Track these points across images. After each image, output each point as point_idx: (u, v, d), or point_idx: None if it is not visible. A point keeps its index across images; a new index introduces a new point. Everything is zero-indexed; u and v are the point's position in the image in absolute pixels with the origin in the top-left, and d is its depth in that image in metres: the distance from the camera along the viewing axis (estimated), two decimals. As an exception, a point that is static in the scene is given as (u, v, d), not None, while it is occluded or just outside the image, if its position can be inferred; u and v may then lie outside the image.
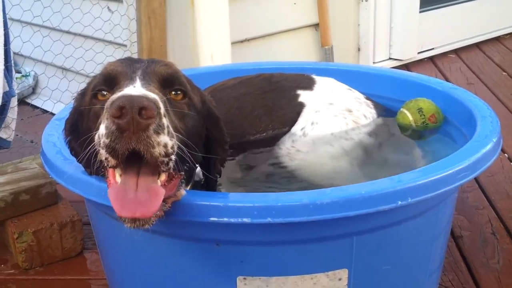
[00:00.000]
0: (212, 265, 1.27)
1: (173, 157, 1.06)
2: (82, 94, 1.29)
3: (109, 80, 1.18)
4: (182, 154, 1.09)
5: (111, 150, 1.02)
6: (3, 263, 1.99)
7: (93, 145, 1.07)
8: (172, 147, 1.05)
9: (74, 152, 1.33)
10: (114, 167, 1.07)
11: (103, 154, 1.04)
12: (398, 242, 1.32)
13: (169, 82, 1.19)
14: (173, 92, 1.19)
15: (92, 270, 1.94)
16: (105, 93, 1.18)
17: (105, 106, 1.04)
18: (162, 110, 1.04)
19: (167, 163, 1.05)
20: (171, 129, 1.06)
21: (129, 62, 1.21)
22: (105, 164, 1.06)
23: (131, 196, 1.05)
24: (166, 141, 1.04)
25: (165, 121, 1.04)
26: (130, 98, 1.00)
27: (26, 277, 1.92)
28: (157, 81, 1.17)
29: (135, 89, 1.08)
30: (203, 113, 1.28)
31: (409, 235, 1.34)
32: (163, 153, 1.04)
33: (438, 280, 1.58)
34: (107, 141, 1.02)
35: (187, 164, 1.14)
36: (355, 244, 1.25)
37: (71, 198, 2.04)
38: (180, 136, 1.11)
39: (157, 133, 1.02)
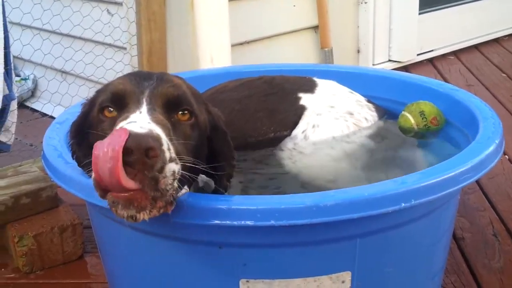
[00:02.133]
0: (215, 268, 1.26)
1: (170, 189, 1.06)
2: (91, 102, 1.29)
3: (117, 98, 1.19)
4: (182, 178, 1.10)
5: None
6: (3, 267, 1.98)
7: None
8: (171, 183, 1.05)
9: (76, 155, 1.33)
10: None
11: None
12: (401, 244, 1.32)
13: (176, 104, 1.20)
14: (180, 113, 1.20)
15: (93, 274, 1.93)
16: (111, 109, 1.19)
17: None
18: (165, 146, 1.04)
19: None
20: (173, 159, 1.06)
21: (138, 79, 1.22)
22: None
23: None
24: (167, 175, 1.04)
25: (167, 155, 1.04)
26: (137, 140, 1.00)
27: (27, 281, 1.92)
28: (162, 105, 1.18)
29: (141, 122, 1.08)
30: (208, 131, 1.28)
31: (412, 237, 1.33)
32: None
33: (441, 282, 1.58)
34: None
35: (186, 183, 1.14)
36: (358, 247, 1.24)
37: (72, 201, 2.03)
38: (182, 162, 1.10)
39: (160, 170, 1.02)
